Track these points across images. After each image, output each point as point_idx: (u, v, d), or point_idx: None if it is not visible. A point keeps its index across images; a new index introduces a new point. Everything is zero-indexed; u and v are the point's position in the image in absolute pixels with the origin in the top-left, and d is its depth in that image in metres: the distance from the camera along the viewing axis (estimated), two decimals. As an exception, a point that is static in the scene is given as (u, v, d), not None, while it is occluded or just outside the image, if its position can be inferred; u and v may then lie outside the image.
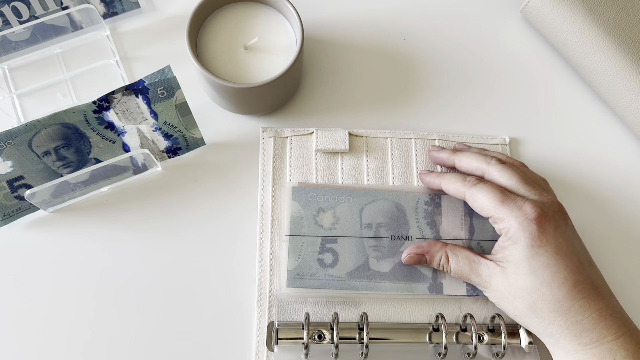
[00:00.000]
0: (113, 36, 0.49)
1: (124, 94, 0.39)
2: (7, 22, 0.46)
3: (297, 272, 0.40)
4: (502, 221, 0.36)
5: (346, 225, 0.41)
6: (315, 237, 0.41)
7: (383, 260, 0.40)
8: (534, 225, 0.35)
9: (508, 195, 0.37)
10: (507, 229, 0.36)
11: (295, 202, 0.42)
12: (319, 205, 0.42)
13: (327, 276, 0.40)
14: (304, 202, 0.42)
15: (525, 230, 0.35)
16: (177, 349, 0.40)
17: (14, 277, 0.42)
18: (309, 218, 0.41)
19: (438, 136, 0.46)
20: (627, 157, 0.47)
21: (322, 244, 0.41)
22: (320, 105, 0.48)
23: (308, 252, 0.40)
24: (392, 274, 0.40)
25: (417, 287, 0.40)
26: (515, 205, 0.36)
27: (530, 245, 0.35)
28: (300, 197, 0.42)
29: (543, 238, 0.35)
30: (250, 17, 0.44)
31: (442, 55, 0.50)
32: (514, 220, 0.36)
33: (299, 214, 0.41)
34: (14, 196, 0.41)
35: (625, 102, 0.45)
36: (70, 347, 0.40)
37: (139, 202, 0.44)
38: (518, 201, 0.36)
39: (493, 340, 0.39)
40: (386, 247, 0.41)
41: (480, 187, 0.38)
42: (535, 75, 0.50)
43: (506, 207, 0.36)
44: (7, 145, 0.38)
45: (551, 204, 0.37)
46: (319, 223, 0.41)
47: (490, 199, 0.37)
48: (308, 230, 0.41)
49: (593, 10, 0.46)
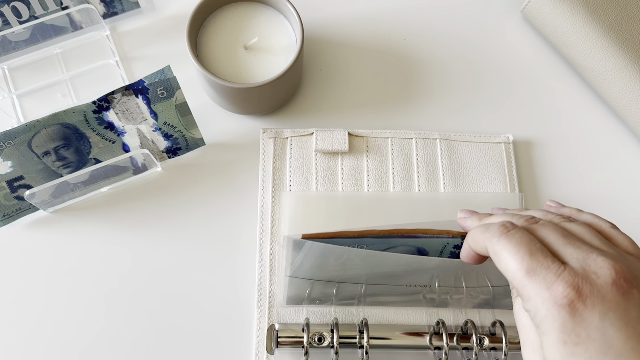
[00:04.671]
0: (113, 36, 0.49)
1: (124, 94, 0.39)
2: (7, 22, 0.46)
3: (297, 298, 0.39)
4: (527, 300, 0.26)
5: (356, 272, 0.36)
6: (318, 281, 0.38)
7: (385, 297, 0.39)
8: (566, 314, 0.25)
9: (539, 261, 0.26)
10: (532, 313, 0.26)
11: (296, 253, 0.36)
12: (326, 259, 0.36)
13: (327, 297, 0.39)
14: (309, 256, 0.36)
15: (556, 319, 0.25)
16: (177, 349, 0.40)
17: (14, 277, 0.42)
18: (314, 268, 0.37)
19: (439, 135, 0.46)
20: (627, 157, 0.47)
21: (326, 283, 0.38)
22: (320, 105, 0.48)
23: (310, 289, 0.38)
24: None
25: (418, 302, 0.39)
26: (544, 282, 0.26)
27: (563, 342, 0.25)
28: (304, 249, 0.36)
29: (581, 332, 0.24)
30: (250, 17, 0.44)
31: (443, 55, 0.50)
32: (540, 304, 0.25)
33: (302, 264, 0.36)
34: (13, 196, 0.41)
35: (626, 102, 0.45)
36: (70, 347, 0.40)
37: (139, 202, 0.44)
38: (549, 275, 0.26)
39: (494, 345, 0.39)
40: (397, 293, 0.38)
41: (505, 241, 0.28)
42: (535, 75, 0.50)
43: (533, 281, 0.26)
44: (7, 146, 0.38)
45: (601, 276, 0.25)
46: (324, 270, 0.37)
47: (515, 263, 0.27)
48: (312, 274, 0.37)
49: (593, 10, 0.46)
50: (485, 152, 0.46)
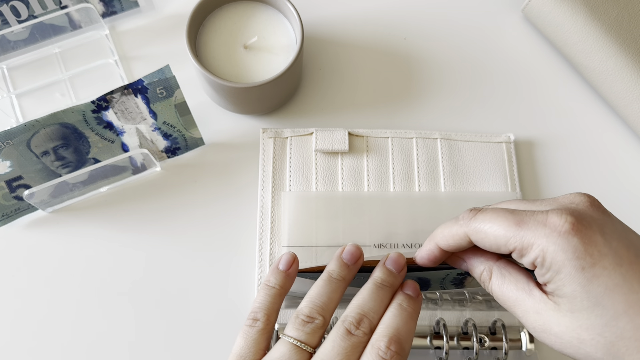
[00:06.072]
0: (112, 35, 0.49)
1: (123, 93, 0.39)
2: (5, 21, 0.46)
3: (295, 299, 0.37)
4: (530, 249, 0.26)
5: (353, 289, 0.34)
6: None
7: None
8: (574, 238, 0.25)
9: (523, 213, 0.27)
10: (540, 258, 0.26)
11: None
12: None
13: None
14: (300, 282, 0.35)
15: (566, 249, 0.25)
16: (176, 349, 0.40)
17: (13, 277, 0.42)
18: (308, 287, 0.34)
19: (440, 135, 0.46)
20: (628, 156, 0.47)
21: None
22: (320, 105, 0.48)
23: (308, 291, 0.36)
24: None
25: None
26: (537, 222, 0.26)
27: (580, 268, 0.25)
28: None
29: (593, 251, 0.25)
30: (249, 17, 0.44)
31: (443, 54, 0.50)
32: (545, 242, 0.26)
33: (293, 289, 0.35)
34: (12, 196, 0.41)
35: (627, 102, 0.45)
36: (69, 347, 0.40)
37: (138, 202, 0.44)
38: (538, 215, 0.26)
39: (494, 344, 0.39)
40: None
41: (481, 215, 0.28)
42: (535, 75, 0.50)
43: (527, 228, 0.26)
44: (6, 145, 0.38)
45: (579, 203, 0.27)
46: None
47: (501, 225, 0.27)
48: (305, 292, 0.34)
49: (594, 10, 0.46)
50: (486, 151, 0.46)
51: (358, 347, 0.28)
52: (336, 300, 0.30)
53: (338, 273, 0.31)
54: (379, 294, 0.30)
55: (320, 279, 0.31)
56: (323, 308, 0.30)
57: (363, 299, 0.30)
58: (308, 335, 0.29)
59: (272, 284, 0.32)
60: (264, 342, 0.30)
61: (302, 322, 0.29)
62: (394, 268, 0.32)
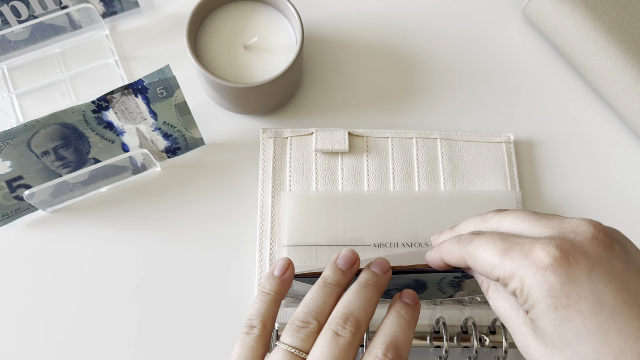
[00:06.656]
0: (112, 36, 0.49)
1: (123, 93, 0.39)
2: (6, 21, 0.46)
3: (295, 299, 0.38)
4: (511, 279, 0.25)
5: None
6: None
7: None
8: (552, 275, 0.24)
9: (511, 241, 0.26)
10: (519, 289, 0.25)
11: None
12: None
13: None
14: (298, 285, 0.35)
15: (542, 285, 0.24)
16: (176, 349, 0.40)
17: (13, 277, 0.42)
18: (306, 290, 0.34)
19: (440, 135, 0.46)
20: (628, 156, 0.47)
21: None
22: (320, 105, 0.48)
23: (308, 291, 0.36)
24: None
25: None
26: (521, 253, 0.25)
27: (553, 307, 0.23)
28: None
29: (571, 292, 0.23)
30: (250, 17, 0.44)
31: (443, 54, 0.50)
32: (523, 274, 0.25)
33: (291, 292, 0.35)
34: (12, 196, 0.41)
35: (626, 102, 0.45)
36: (69, 347, 0.40)
37: (138, 202, 0.44)
38: (525, 245, 0.25)
39: (495, 343, 0.39)
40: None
41: (477, 240, 0.27)
42: (535, 75, 0.50)
43: (510, 257, 0.25)
44: (6, 145, 0.38)
45: (579, 233, 0.25)
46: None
47: (489, 252, 0.26)
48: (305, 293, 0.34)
49: (594, 10, 0.46)
50: (486, 151, 0.46)
51: (347, 348, 0.28)
52: (331, 304, 0.30)
53: (332, 278, 0.31)
54: (364, 292, 0.30)
55: (315, 284, 0.31)
56: (317, 312, 0.30)
57: (348, 299, 0.30)
58: (302, 341, 0.29)
59: (267, 290, 0.32)
60: (261, 348, 0.30)
61: (297, 328, 0.29)
62: (378, 270, 0.32)
